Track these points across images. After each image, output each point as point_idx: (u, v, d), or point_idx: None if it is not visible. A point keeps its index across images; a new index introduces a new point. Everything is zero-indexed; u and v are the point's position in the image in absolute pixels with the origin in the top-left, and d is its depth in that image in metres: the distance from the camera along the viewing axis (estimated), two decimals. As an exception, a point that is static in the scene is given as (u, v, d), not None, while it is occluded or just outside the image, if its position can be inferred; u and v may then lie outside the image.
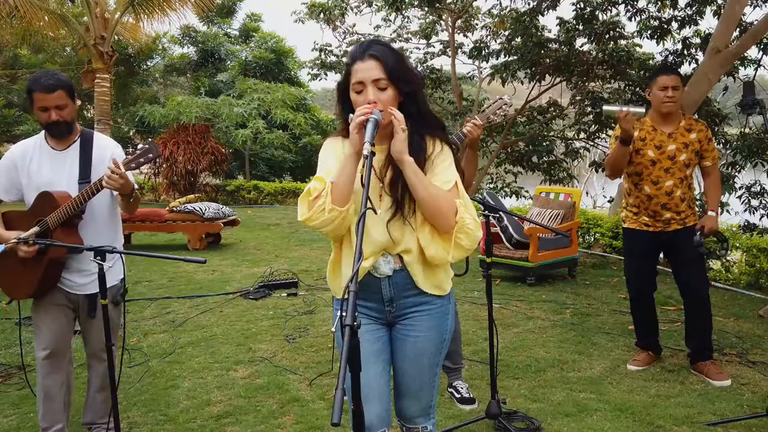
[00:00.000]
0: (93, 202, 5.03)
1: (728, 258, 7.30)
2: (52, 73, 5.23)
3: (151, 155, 4.90)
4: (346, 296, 2.81)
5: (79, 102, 5.25)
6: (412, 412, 3.87)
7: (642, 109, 6.32)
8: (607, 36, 15.28)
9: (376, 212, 3.42)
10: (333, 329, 3.10)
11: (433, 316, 3.77)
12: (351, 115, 3.40)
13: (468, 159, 5.87)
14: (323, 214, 3.39)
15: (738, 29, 12.45)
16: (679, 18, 14.72)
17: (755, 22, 12.17)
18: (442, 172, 3.64)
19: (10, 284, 5.36)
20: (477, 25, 20.04)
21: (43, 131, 5.27)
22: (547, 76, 16.37)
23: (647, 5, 14.88)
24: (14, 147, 5.36)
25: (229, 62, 30.47)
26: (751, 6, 13.51)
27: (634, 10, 14.83)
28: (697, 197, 9.84)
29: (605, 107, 6.85)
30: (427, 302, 3.75)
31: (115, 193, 5.11)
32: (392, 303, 3.71)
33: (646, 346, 7.29)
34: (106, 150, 5.31)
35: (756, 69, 14.55)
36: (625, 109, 6.26)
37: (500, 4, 17.12)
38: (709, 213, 6.76)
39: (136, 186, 5.31)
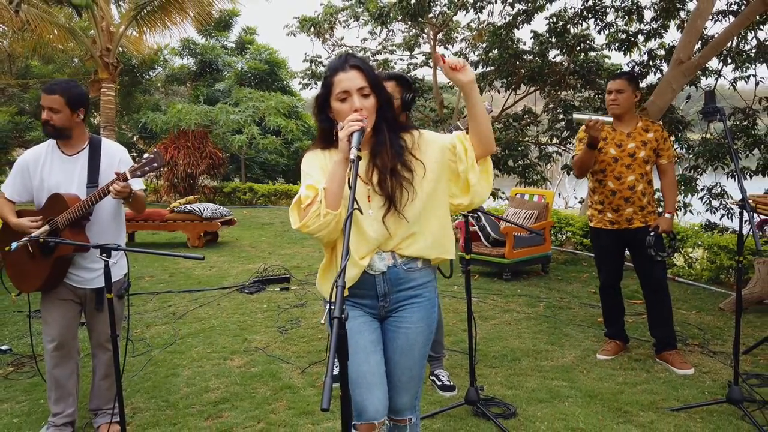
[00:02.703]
0: (99, 204, 5.08)
1: (667, 258, 7.39)
2: (68, 81, 5.32)
3: (156, 164, 4.94)
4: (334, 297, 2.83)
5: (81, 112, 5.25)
6: (402, 405, 3.83)
7: (610, 119, 6.40)
8: (578, 48, 15.32)
9: (362, 212, 3.41)
10: (323, 321, 3.11)
11: (423, 307, 3.77)
12: (340, 123, 3.40)
13: None
14: (318, 219, 3.36)
15: (700, 42, 12.48)
16: (645, 31, 14.75)
17: (716, 35, 12.21)
18: (441, 136, 3.76)
19: (19, 277, 5.39)
20: (457, 38, 20.11)
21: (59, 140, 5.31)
22: (522, 85, 16.42)
23: (615, 19, 14.92)
24: (27, 152, 5.39)
25: (225, 72, 30.39)
26: (712, 20, 13.55)
27: (603, 24, 14.85)
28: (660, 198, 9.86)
29: (575, 115, 6.89)
30: (418, 295, 3.75)
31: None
32: (386, 298, 3.69)
33: (614, 334, 7.32)
34: (114, 156, 5.37)
35: (716, 79, 14.60)
36: (594, 117, 6.30)
37: (478, 18, 17.16)
38: (666, 215, 6.81)
39: (142, 187, 5.40)
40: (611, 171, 6.81)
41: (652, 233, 6.65)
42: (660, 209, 8.01)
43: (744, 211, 5.45)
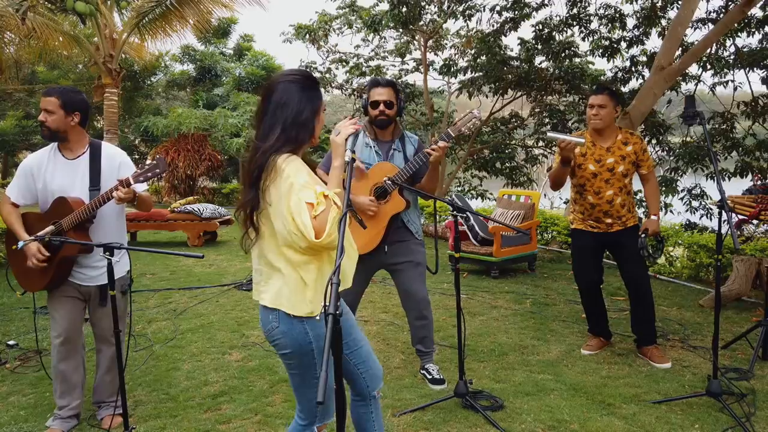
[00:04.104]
0: (103, 207, 5.08)
1: (658, 259, 7.48)
2: (67, 87, 5.41)
3: (158, 170, 4.99)
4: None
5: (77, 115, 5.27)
6: (380, 371, 3.91)
7: (582, 140, 6.30)
8: (563, 54, 15.34)
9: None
10: (317, 317, 3.10)
11: None
12: (335, 128, 3.40)
13: (429, 176, 5.88)
14: (340, 224, 3.21)
15: (680, 48, 12.50)
16: (627, 38, 14.79)
17: (695, 42, 12.23)
18: None
19: (24, 277, 5.39)
20: (446, 44, 20.13)
21: (56, 142, 5.35)
22: (509, 90, 16.47)
23: (599, 27, 14.96)
24: (30, 156, 5.42)
25: (224, 78, 30.35)
26: (692, 28, 13.59)
27: (587, 31, 14.90)
28: (642, 199, 9.87)
29: (549, 134, 6.89)
30: None
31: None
32: None
33: (597, 332, 7.32)
34: (115, 159, 5.39)
35: (696, 84, 14.65)
36: (567, 138, 6.29)
37: (467, 26, 17.21)
38: (652, 217, 6.79)
39: (145, 188, 5.39)
40: (590, 186, 6.81)
41: (643, 235, 6.65)
42: (641, 214, 8.01)
43: (723, 211, 5.46)
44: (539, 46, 15.58)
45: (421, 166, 5.79)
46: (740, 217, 7.20)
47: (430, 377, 6.32)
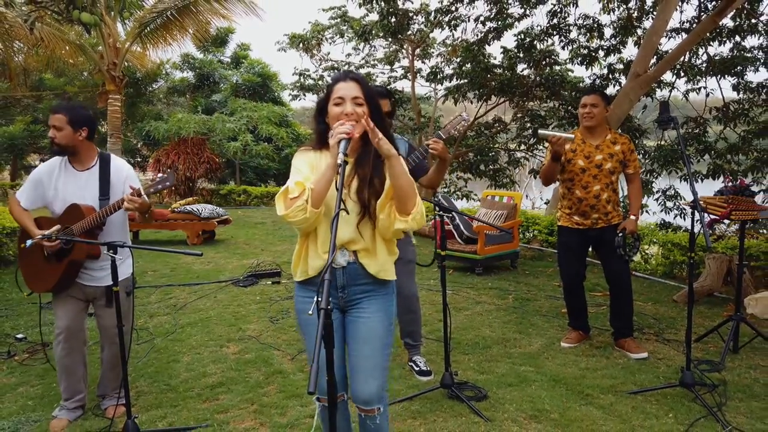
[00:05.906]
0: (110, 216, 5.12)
1: (635, 258, 7.60)
2: (73, 104, 5.46)
3: (168, 183, 5.12)
4: (305, 281, 2.82)
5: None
6: (369, 394, 3.74)
7: (572, 136, 6.42)
8: (543, 62, 15.38)
9: (348, 212, 3.42)
10: (310, 312, 3.09)
11: (379, 301, 3.78)
12: (332, 130, 3.41)
13: (438, 168, 5.90)
14: (302, 213, 3.40)
15: (655, 56, 12.52)
16: (605, 47, 14.84)
17: (669, 51, 12.25)
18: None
19: (32, 278, 5.40)
20: (433, 53, 20.14)
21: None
22: (492, 96, 16.48)
23: (578, 36, 14.99)
24: (42, 165, 5.45)
25: (222, 85, 30.30)
26: (666, 37, 13.63)
27: (567, 41, 14.93)
28: (621, 200, 9.89)
29: (540, 131, 6.91)
30: (374, 290, 3.77)
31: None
32: (344, 290, 3.71)
33: (577, 326, 7.33)
34: (122, 171, 5.40)
35: (670, 90, 14.73)
36: (557, 134, 6.32)
37: (453, 35, 17.20)
38: (631, 217, 6.80)
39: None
40: (579, 181, 6.83)
41: (620, 234, 6.66)
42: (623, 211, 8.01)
43: (695, 211, 5.47)
44: (521, 55, 15.63)
45: (418, 163, 5.80)
46: (712, 216, 7.19)
47: (418, 369, 6.32)
